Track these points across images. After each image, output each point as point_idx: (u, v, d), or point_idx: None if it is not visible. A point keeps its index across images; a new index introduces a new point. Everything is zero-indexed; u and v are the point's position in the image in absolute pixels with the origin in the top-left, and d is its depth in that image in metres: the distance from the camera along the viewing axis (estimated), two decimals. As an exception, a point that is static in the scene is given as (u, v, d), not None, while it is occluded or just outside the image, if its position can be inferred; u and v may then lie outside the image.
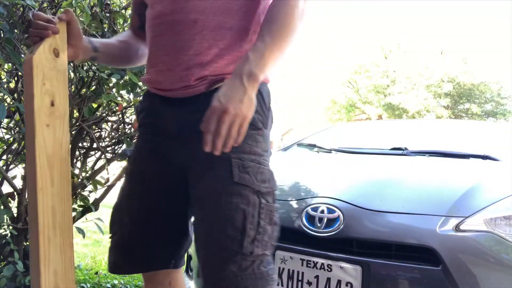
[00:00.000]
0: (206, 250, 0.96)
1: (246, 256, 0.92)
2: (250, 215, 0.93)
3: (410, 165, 1.97)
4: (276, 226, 1.00)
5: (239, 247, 0.92)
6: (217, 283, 0.93)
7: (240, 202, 0.93)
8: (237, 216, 0.92)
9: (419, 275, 1.36)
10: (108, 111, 2.23)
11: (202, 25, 0.96)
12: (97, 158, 2.29)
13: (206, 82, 0.97)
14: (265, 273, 0.95)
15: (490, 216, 1.42)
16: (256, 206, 0.94)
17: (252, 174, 0.95)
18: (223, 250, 0.92)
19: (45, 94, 0.94)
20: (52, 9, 1.72)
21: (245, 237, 0.92)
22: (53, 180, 0.94)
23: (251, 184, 0.94)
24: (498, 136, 2.50)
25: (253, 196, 0.94)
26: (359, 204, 1.54)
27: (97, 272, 2.75)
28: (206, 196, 0.96)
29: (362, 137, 2.77)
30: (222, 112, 0.83)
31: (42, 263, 0.91)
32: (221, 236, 0.92)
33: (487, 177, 1.71)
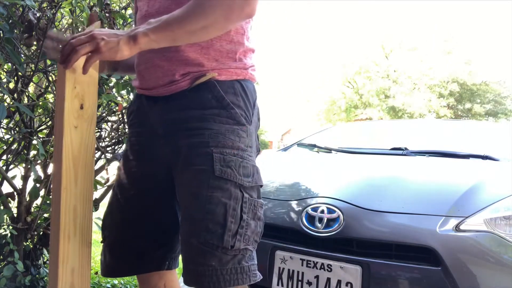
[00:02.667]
0: (186, 245, 0.96)
1: (227, 250, 0.92)
2: (231, 208, 0.93)
3: (410, 165, 1.97)
4: (260, 221, 1.00)
5: (219, 241, 0.91)
6: (198, 277, 0.93)
7: (221, 196, 0.93)
8: (218, 210, 0.92)
9: (419, 275, 1.36)
10: (108, 111, 2.23)
11: None
12: (97, 158, 2.29)
13: (189, 78, 0.99)
14: (247, 268, 0.95)
15: (490, 216, 1.42)
16: (239, 200, 0.95)
17: (234, 168, 0.95)
18: (203, 244, 0.91)
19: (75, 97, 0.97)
20: (52, 9, 1.72)
21: (226, 230, 0.92)
22: (77, 181, 0.97)
23: (233, 178, 0.95)
24: (498, 136, 2.49)
25: (235, 190, 0.95)
26: (359, 204, 1.54)
27: (97, 272, 2.75)
28: (188, 191, 0.96)
29: (362, 137, 2.77)
30: (90, 32, 0.88)
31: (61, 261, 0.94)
32: (202, 230, 0.92)
33: (487, 177, 1.70)
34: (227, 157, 0.95)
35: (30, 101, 1.93)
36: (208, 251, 0.91)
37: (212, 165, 0.94)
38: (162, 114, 1.02)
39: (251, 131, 1.03)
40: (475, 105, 18.75)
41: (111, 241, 1.11)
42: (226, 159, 0.95)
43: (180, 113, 0.99)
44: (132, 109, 1.13)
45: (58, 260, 0.94)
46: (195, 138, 0.96)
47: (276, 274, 1.54)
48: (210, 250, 0.91)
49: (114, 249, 1.11)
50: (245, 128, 1.00)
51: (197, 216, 0.93)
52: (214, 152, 0.95)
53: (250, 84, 1.05)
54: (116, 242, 1.10)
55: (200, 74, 0.99)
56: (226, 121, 0.98)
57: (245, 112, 1.01)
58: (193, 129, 0.98)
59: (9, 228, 1.96)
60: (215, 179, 0.93)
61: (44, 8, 1.71)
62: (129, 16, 1.98)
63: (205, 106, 0.98)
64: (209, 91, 0.98)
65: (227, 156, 0.96)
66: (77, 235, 0.97)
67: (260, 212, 1.00)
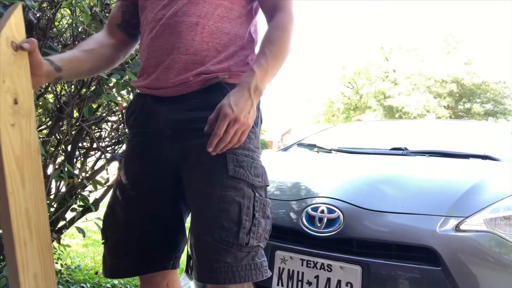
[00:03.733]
0: (200, 242, 0.97)
1: (242, 247, 0.95)
2: (246, 207, 0.97)
3: (410, 165, 1.97)
4: (269, 220, 1.03)
5: (235, 238, 0.95)
6: (214, 274, 0.94)
7: (236, 195, 0.96)
8: (232, 208, 0.95)
9: (419, 275, 1.36)
10: (108, 111, 2.23)
11: (202, 28, 1.02)
12: (97, 158, 2.29)
13: (200, 80, 1.01)
14: (259, 264, 0.98)
15: (490, 216, 1.42)
16: (251, 199, 0.98)
17: (246, 168, 0.99)
18: (218, 241, 0.94)
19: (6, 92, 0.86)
20: (52, 9, 1.72)
21: (241, 228, 0.95)
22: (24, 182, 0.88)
23: (246, 177, 0.99)
24: (498, 136, 2.50)
25: (248, 190, 0.98)
26: (359, 204, 1.54)
27: (97, 272, 2.75)
28: (201, 190, 0.98)
29: (362, 137, 2.77)
30: (233, 120, 0.92)
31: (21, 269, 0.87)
32: (216, 227, 0.94)
33: (487, 177, 1.70)
34: (239, 158, 0.99)
35: (30, 101, 1.93)
36: (224, 248, 0.94)
37: (225, 165, 0.97)
38: (171, 114, 1.03)
39: (258, 133, 1.07)
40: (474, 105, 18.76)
41: (114, 242, 1.11)
42: (238, 160, 0.99)
43: (190, 114, 1.01)
44: (134, 109, 1.13)
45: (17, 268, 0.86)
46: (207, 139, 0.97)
47: (276, 274, 1.54)
48: (226, 247, 0.94)
49: (118, 249, 1.10)
50: (254, 130, 1.05)
51: (210, 214, 0.95)
52: (227, 152, 0.98)
53: None
54: (120, 242, 1.10)
55: (213, 76, 1.02)
56: None
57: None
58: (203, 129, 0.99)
59: (9, 228, 1.95)
60: (228, 179, 0.97)
61: (44, 8, 1.71)
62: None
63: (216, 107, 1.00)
64: (220, 93, 1.01)
65: (240, 156, 0.99)
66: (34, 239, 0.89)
67: (268, 210, 1.03)
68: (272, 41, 1.02)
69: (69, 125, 1.94)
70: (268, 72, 0.99)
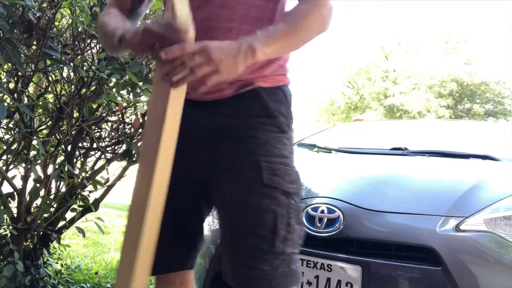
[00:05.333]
0: (237, 250, 0.97)
1: (278, 255, 0.95)
2: (281, 215, 0.95)
3: (410, 165, 1.97)
4: (302, 225, 1.02)
5: (271, 246, 0.94)
6: (250, 281, 0.95)
7: (271, 203, 0.95)
8: (268, 217, 0.94)
9: (419, 275, 1.36)
10: (108, 111, 2.23)
11: (236, 33, 0.97)
12: (97, 158, 2.29)
13: (235, 85, 0.99)
14: (294, 271, 0.98)
15: (490, 216, 1.42)
16: (286, 207, 0.96)
17: (281, 176, 0.97)
18: (254, 249, 0.94)
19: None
20: (52, 9, 1.72)
21: (277, 236, 0.94)
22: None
23: (281, 185, 0.96)
24: (498, 136, 2.49)
25: (282, 197, 0.96)
26: (359, 204, 1.54)
27: (97, 272, 2.75)
28: (236, 198, 0.98)
29: (362, 137, 2.77)
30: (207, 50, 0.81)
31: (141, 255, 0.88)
32: (252, 236, 0.94)
33: (487, 177, 1.70)
34: (274, 166, 0.97)
35: (30, 101, 1.93)
36: (260, 256, 0.94)
37: (260, 174, 0.95)
38: (204, 119, 1.01)
39: (291, 137, 1.05)
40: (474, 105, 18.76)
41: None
42: (273, 168, 0.97)
43: (224, 120, 0.98)
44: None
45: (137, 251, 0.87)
46: (240, 146, 0.96)
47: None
48: (262, 256, 0.94)
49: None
50: (288, 135, 1.03)
51: (246, 223, 0.95)
52: (262, 161, 0.96)
53: (288, 89, 1.07)
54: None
55: (248, 82, 0.99)
56: (271, 129, 0.99)
57: (287, 120, 1.03)
58: (238, 137, 0.98)
59: (9, 228, 1.96)
60: (264, 187, 0.95)
61: (44, 8, 1.71)
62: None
63: (250, 114, 0.99)
64: (253, 99, 0.99)
65: (274, 164, 0.97)
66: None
67: (301, 216, 1.02)
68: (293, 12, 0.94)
69: (69, 125, 1.94)
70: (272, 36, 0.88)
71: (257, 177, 0.95)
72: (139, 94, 2.00)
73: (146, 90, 1.93)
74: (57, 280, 2.32)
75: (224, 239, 1.01)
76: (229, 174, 0.98)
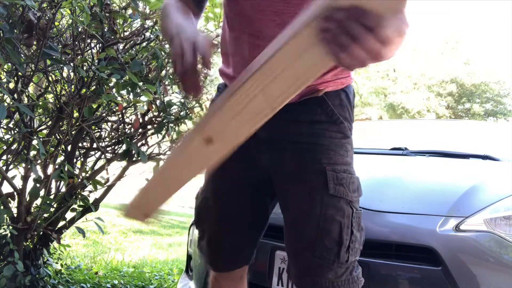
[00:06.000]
0: (300, 257, 0.98)
1: (342, 264, 0.95)
2: (346, 226, 0.95)
3: (410, 165, 1.97)
4: (363, 231, 1.02)
5: (336, 256, 0.94)
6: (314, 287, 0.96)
7: (336, 214, 0.94)
8: (333, 228, 0.94)
9: (419, 275, 1.36)
10: (108, 111, 2.23)
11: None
12: (97, 158, 2.29)
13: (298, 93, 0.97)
14: (356, 277, 0.99)
15: (490, 216, 1.42)
16: (350, 217, 0.96)
17: (345, 185, 0.96)
18: (319, 258, 0.95)
19: None
20: (52, 9, 1.72)
21: (342, 247, 0.95)
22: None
23: (346, 195, 0.96)
24: (498, 136, 2.50)
25: (347, 207, 0.96)
26: (359, 204, 1.54)
27: (97, 272, 2.75)
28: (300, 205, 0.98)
29: (362, 137, 2.77)
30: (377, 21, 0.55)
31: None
32: (317, 245, 0.94)
33: (487, 177, 1.70)
34: (339, 175, 0.96)
35: (30, 101, 1.93)
36: (325, 265, 0.95)
37: (326, 183, 0.95)
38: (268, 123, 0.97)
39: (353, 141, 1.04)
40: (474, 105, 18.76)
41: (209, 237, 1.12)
42: (338, 177, 0.96)
43: (288, 126, 0.98)
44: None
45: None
46: (305, 153, 0.95)
47: (276, 274, 1.54)
48: (327, 265, 0.95)
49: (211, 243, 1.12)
50: (350, 140, 1.02)
51: (311, 232, 0.95)
52: (327, 170, 0.95)
53: (352, 89, 1.06)
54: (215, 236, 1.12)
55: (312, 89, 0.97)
56: (335, 135, 0.98)
57: (350, 124, 1.02)
58: (302, 143, 0.97)
59: (9, 228, 1.96)
60: (329, 197, 0.95)
61: (44, 8, 1.71)
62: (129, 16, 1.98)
63: (314, 119, 0.98)
64: (317, 104, 0.98)
65: (339, 173, 0.96)
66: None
67: (362, 222, 1.02)
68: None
69: (69, 125, 1.94)
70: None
71: (322, 187, 0.95)
72: (139, 94, 2.00)
73: (146, 90, 1.93)
74: (57, 280, 2.32)
75: (288, 243, 1.02)
76: (293, 181, 0.98)
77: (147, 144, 2.30)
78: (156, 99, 2.09)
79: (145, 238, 4.56)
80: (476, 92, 18.71)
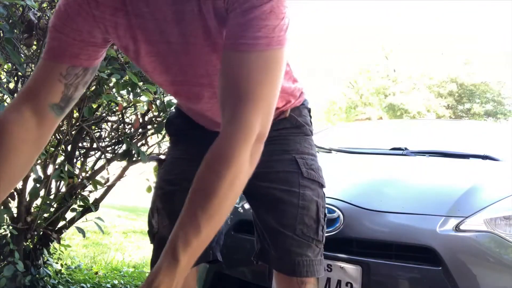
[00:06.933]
0: (282, 236, 1.02)
1: (319, 243, 1.04)
2: (321, 206, 1.05)
3: (410, 165, 1.97)
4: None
5: (315, 234, 1.03)
6: (296, 267, 1.01)
7: (313, 194, 1.04)
8: (312, 207, 1.03)
9: (419, 275, 1.36)
10: (108, 111, 2.23)
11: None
12: (97, 158, 2.29)
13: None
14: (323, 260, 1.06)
15: (490, 216, 1.42)
16: (323, 198, 1.07)
17: (315, 170, 1.07)
18: (300, 236, 1.01)
19: None
20: (52, 9, 1.72)
21: (319, 225, 1.04)
22: None
23: (317, 178, 1.07)
24: (498, 136, 2.49)
25: (320, 190, 1.07)
26: (359, 204, 1.54)
27: (97, 272, 2.75)
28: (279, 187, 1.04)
29: (362, 137, 2.77)
30: None
31: None
32: (299, 223, 1.01)
33: (487, 177, 1.70)
34: (308, 161, 1.07)
35: (30, 101, 1.93)
36: (305, 243, 1.01)
37: (299, 168, 1.04)
38: None
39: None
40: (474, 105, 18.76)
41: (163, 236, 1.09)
42: (308, 163, 1.07)
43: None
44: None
45: None
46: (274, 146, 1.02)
47: (276, 274, 1.54)
48: (307, 242, 1.02)
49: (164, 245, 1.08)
50: (312, 138, 1.14)
51: (291, 211, 1.02)
52: (296, 158, 1.06)
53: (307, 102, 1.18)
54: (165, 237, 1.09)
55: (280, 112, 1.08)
56: (298, 134, 1.10)
57: (310, 127, 1.15)
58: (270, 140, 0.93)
59: (9, 228, 1.96)
60: (304, 179, 1.04)
61: (44, 8, 1.71)
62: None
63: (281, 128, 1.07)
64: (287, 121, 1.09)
65: (308, 160, 1.07)
66: None
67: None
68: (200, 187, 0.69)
69: (69, 125, 1.94)
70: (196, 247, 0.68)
71: (297, 171, 1.04)
72: (139, 94, 2.00)
73: (146, 90, 1.93)
74: (57, 280, 2.32)
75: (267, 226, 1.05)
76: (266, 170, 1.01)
77: (147, 144, 2.30)
78: (156, 99, 2.09)
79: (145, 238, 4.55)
80: (476, 92, 18.71)
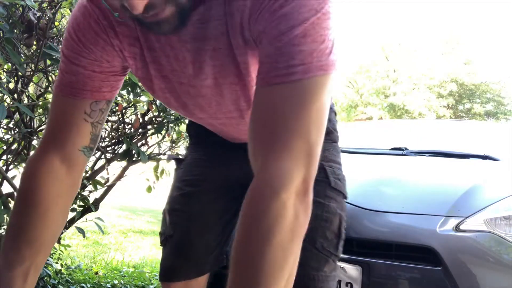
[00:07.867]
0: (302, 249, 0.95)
1: (336, 258, 0.97)
2: (344, 220, 0.98)
3: (410, 165, 1.97)
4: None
5: (335, 249, 0.96)
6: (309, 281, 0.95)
7: (336, 206, 0.97)
8: (335, 220, 0.96)
9: (419, 275, 1.36)
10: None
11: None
12: (97, 158, 2.29)
13: None
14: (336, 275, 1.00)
15: (490, 216, 1.42)
16: (345, 211, 1.00)
17: (342, 180, 1.01)
18: (320, 250, 0.95)
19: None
20: (52, 9, 1.72)
21: (339, 240, 0.97)
22: None
23: (343, 190, 1.00)
24: (498, 136, 2.49)
25: (344, 202, 1.00)
26: (359, 204, 1.54)
27: (97, 272, 2.75)
28: None
29: (362, 137, 2.77)
30: None
31: None
32: (320, 237, 0.95)
33: (487, 177, 1.70)
34: (336, 170, 1.01)
35: (30, 101, 1.93)
36: (324, 258, 0.95)
37: (327, 177, 0.98)
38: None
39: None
40: (474, 105, 18.77)
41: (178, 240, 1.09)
42: (335, 172, 1.00)
43: None
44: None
45: None
46: None
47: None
48: (325, 257, 0.95)
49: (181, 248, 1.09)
50: (338, 145, 1.09)
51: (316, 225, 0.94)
52: (325, 166, 0.99)
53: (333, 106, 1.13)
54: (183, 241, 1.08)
55: None
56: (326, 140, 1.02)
57: (337, 133, 1.10)
58: None
59: (9, 228, 1.95)
60: (331, 190, 0.97)
61: (44, 8, 1.71)
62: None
63: None
64: None
65: (336, 169, 1.01)
66: None
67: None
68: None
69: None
70: None
71: (324, 180, 0.97)
72: (139, 94, 2.00)
73: (146, 90, 1.92)
74: (57, 280, 2.32)
75: None
76: None
77: (147, 144, 2.30)
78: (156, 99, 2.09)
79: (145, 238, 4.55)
80: (477, 92, 18.72)
